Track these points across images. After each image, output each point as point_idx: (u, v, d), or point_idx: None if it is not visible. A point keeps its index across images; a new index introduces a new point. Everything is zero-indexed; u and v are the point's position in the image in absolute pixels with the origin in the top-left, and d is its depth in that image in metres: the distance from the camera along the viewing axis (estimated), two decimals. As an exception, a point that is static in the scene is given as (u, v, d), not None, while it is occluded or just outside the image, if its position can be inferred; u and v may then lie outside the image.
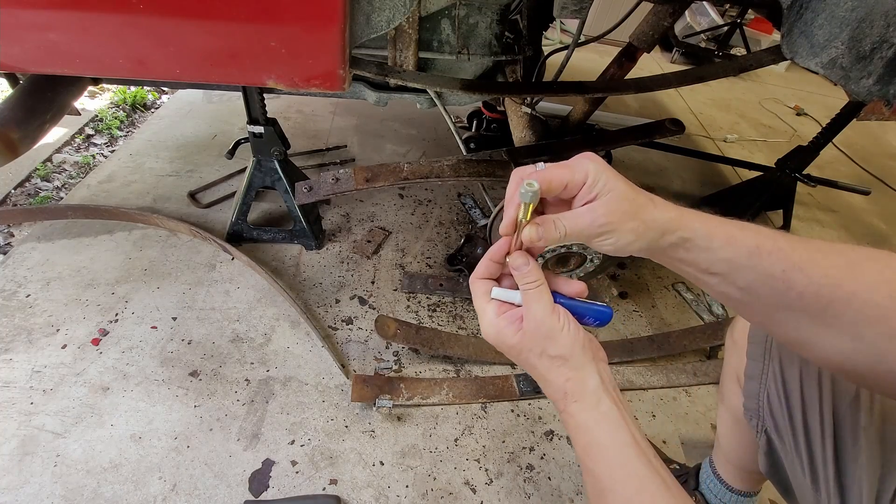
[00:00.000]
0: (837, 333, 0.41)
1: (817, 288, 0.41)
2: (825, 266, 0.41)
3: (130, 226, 1.54)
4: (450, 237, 1.69)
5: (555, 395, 0.49)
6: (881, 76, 0.83)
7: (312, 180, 1.25)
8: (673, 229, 0.45)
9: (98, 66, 0.82)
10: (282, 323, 1.32)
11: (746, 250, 0.43)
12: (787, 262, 0.42)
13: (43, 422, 1.05)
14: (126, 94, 2.17)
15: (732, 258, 0.44)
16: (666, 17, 1.34)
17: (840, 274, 0.41)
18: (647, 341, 1.39)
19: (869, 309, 0.39)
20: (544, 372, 0.49)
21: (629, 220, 0.44)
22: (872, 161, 2.72)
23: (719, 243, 0.44)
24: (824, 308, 0.41)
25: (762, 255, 0.43)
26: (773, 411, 0.68)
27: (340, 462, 1.06)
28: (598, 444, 0.46)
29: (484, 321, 0.51)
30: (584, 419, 0.47)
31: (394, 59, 1.28)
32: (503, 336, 0.50)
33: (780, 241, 0.43)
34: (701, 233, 0.44)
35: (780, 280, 0.42)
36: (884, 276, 0.40)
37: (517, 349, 0.49)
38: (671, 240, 0.45)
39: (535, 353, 0.48)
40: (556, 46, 1.66)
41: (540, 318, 0.47)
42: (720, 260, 0.44)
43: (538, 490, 1.07)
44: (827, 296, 0.41)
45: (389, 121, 2.29)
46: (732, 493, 0.93)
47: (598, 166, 0.45)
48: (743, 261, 0.43)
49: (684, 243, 0.45)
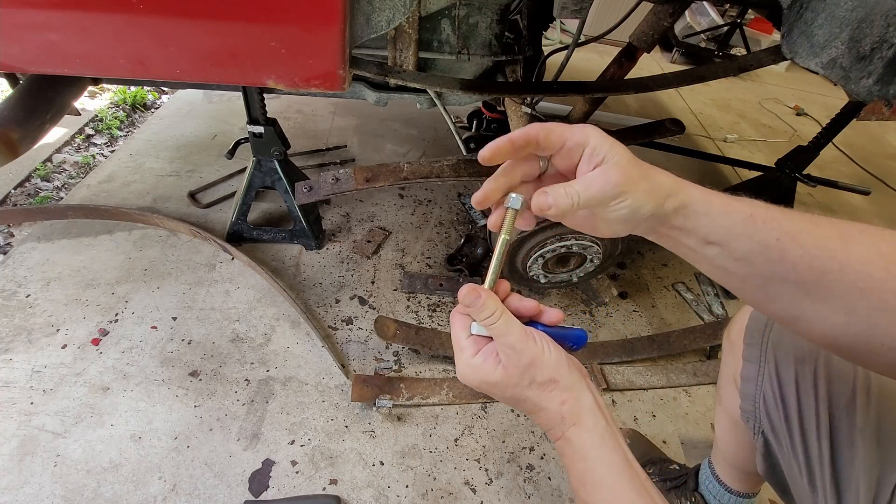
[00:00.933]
0: (831, 307, 0.41)
1: (810, 259, 0.41)
2: (818, 236, 0.41)
3: (130, 226, 1.54)
4: (450, 237, 1.69)
5: (550, 423, 0.46)
6: (881, 76, 0.83)
7: (312, 180, 1.25)
8: (673, 192, 0.44)
9: (98, 66, 0.82)
10: (282, 323, 1.32)
11: (742, 217, 0.43)
12: (781, 230, 0.42)
13: (43, 422, 1.05)
14: (126, 94, 2.17)
15: (729, 226, 0.43)
16: (666, 17, 1.34)
17: (833, 245, 0.41)
18: (647, 341, 1.39)
19: (862, 281, 0.39)
20: (537, 401, 0.46)
21: (642, 181, 0.43)
22: (872, 161, 2.72)
23: (716, 209, 0.44)
24: (818, 279, 0.41)
25: (757, 223, 0.42)
26: (769, 413, 0.68)
27: (340, 462, 1.06)
28: (593, 472, 0.44)
29: (460, 361, 0.47)
30: (581, 444, 0.45)
31: (394, 59, 1.28)
32: (483, 374, 0.46)
33: (774, 211, 0.43)
34: (698, 198, 0.44)
35: (774, 249, 0.42)
36: (878, 248, 0.39)
37: (502, 386, 0.46)
38: (673, 204, 0.44)
39: (524, 384, 0.45)
40: (556, 46, 1.66)
41: (517, 347, 0.45)
42: (718, 227, 0.44)
43: (538, 490, 1.07)
44: (820, 267, 0.40)
45: (389, 121, 2.29)
46: (731, 494, 0.93)
47: (598, 132, 0.44)
48: (739, 229, 0.43)
49: (684, 209, 0.44)
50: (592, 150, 0.44)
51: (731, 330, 0.79)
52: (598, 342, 1.38)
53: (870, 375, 0.60)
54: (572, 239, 1.25)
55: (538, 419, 0.47)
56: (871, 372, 0.60)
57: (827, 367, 0.62)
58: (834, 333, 0.42)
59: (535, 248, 1.27)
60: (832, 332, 0.42)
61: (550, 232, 1.24)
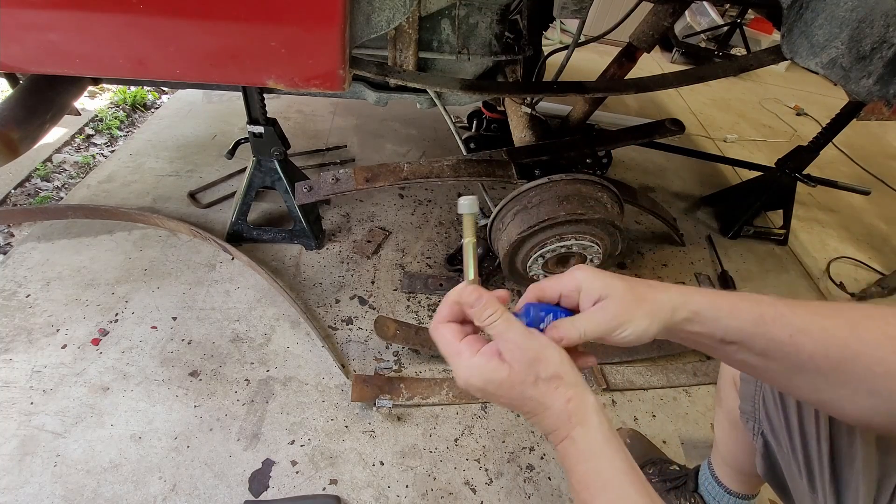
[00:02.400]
0: (854, 391, 0.43)
1: (825, 349, 0.43)
2: (826, 327, 0.43)
3: (130, 226, 1.54)
4: (450, 237, 1.69)
5: (556, 423, 0.45)
6: (881, 76, 0.83)
7: (312, 180, 1.25)
8: (680, 305, 0.47)
9: (98, 66, 0.82)
10: (282, 323, 1.32)
11: (752, 319, 0.45)
12: (792, 327, 0.44)
13: (43, 422, 1.05)
14: (126, 94, 2.17)
15: (741, 327, 0.46)
16: (666, 17, 1.34)
17: (843, 334, 0.43)
18: (647, 341, 1.39)
19: (877, 366, 0.41)
20: (542, 398, 0.45)
21: (639, 307, 0.46)
22: (872, 161, 2.72)
23: (725, 313, 0.46)
24: (835, 368, 0.43)
25: (767, 323, 0.45)
26: (768, 414, 0.68)
27: (340, 462, 1.06)
28: (599, 472, 0.44)
29: (460, 366, 0.46)
30: (587, 444, 0.45)
31: (394, 59, 1.28)
32: (487, 373, 0.45)
33: (781, 307, 0.45)
34: (705, 305, 0.46)
35: (789, 345, 0.44)
36: (886, 333, 0.42)
37: (508, 384, 0.45)
38: (682, 315, 0.47)
39: (529, 381, 0.45)
40: (556, 46, 1.66)
41: (521, 342, 0.45)
42: (731, 329, 0.46)
43: (538, 490, 1.07)
44: (835, 356, 0.43)
45: (389, 121, 2.29)
46: (731, 495, 0.93)
47: (589, 273, 0.48)
48: (751, 329, 0.45)
49: (695, 317, 0.47)
50: (587, 294, 0.48)
51: None
52: (598, 342, 1.38)
53: None
54: (572, 239, 1.25)
55: (543, 419, 0.46)
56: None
57: None
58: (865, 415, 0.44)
59: (535, 248, 1.27)
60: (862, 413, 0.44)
61: (550, 232, 1.24)
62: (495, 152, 1.35)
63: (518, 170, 1.31)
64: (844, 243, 2.04)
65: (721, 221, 1.95)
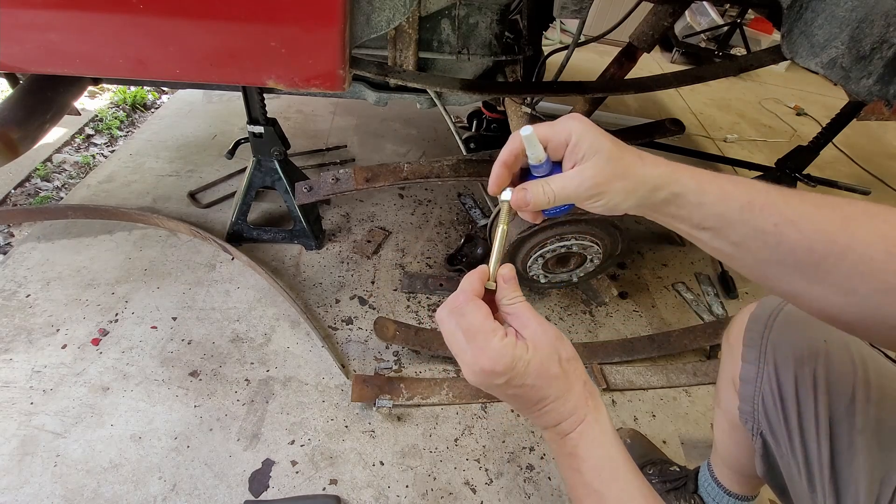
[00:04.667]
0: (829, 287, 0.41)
1: (810, 243, 0.41)
2: (819, 220, 0.41)
3: (130, 226, 1.54)
4: (450, 237, 1.69)
5: (575, 405, 0.45)
6: (881, 76, 0.83)
7: (312, 180, 1.25)
8: (663, 185, 0.44)
9: (98, 66, 0.82)
10: (282, 323, 1.32)
11: (738, 205, 0.43)
12: (780, 216, 0.42)
13: (43, 422, 1.05)
14: (126, 94, 2.17)
15: (724, 213, 0.43)
16: (666, 17, 1.34)
17: (834, 229, 0.40)
18: (647, 340, 1.39)
19: (863, 264, 0.39)
20: (566, 378, 0.44)
21: (618, 180, 0.44)
22: (872, 161, 2.72)
23: (711, 198, 0.44)
24: (816, 263, 0.41)
25: (754, 210, 0.42)
26: (768, 414, 0.68)
27: (340, 462, 1.06)
28: (612, 459, 0.44)
29: (491, 345, 0.42)
30: (601, 430, 0.44)
31: (394, 59, 1.28)
32: (520, 352, 0.43)
33: (773, 195, 0.43)
34: (692, 188, 0.44)
35: (771, 234, 0.42)
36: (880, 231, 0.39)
37: (538, 362, 0.43)
38: (662, 196, 0.44)
39: (555, 360, 0.44)
40: (556, 46, 1.66)
41: (542, 323, 0.46)
42: (712, 215, 0.44)
43: (538, 490, 1.07)
44: (820, 251, 0.40)
45: (389, 121, 2.29)
46: (730, 496, 0.93)
47: (582, 125, 0.45)
48: (735, 216, 0.43)
49: (676, 199, 0.44)
50: (574, 147, 0.45)
51: (730, 332, 0.79)
52: (598, 342, 1.38)
53: (869, 378, 0.60)
54: (572, 239, 1.25)
55: (564, 402, 0.45)
56: (871, 374, 0.60)
57: (826, 370, 0.62)
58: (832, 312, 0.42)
59: (535, 248, 1.27)
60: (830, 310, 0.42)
61: (550, 232, 1.24)
62: (495, 152, 1.35)
63: (518, 170, 1.30)
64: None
65: (721, 221, 1.95)
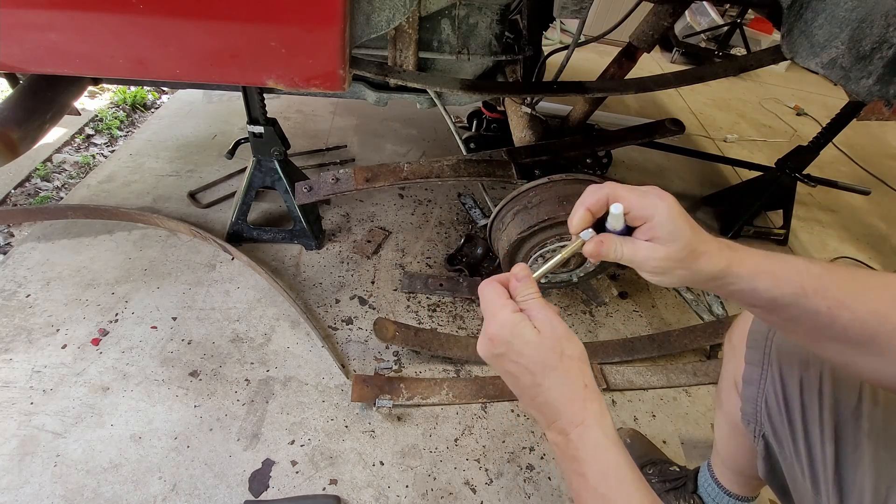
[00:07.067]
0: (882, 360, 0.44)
1: (862, 323, 0.43)
2: (871, 301, 0.43)
3: (130, 226, 1.54)
4: (450, 237, 1.69)
5: (571, 406, 0.46)
6: (881, 76, 0.83)
7: (312, 180, 1.25)
8: (718, 277, 0.47)
9: (98, 66, 0.82)
10: (282, 323, 1.32)
11: (791, 291, 0.45)
12: (833, 299, 0.44)
13: (43, 422, 1.05)
14: (126, 94, 2.17)
15: (777, 297, 0.46)
16: (666, 17, 1.34)
17: (886, 308, 0.43)
18: (648, 340, 1.39)
19: None
20: (564, 373, 0.46)
21: (681, 269, 0.47)
22: (872, 161, 2.72)
23: (764, 285, 0.46)
24: (869, 340, 0.43)
25: (807, 295, 0.45)
26: (771, 416, 0.68)
27: (340, 462, 1.06)
28: (618, 464, 0.44)
29: (498, 316, 0.47)
30: (604, 436, 0.45)
31: (394, 59, 1.28)
32: (522, 329, 0.46)
33: (826, 280, 0.45)
34: (745, 279, 0.47)
35: (825, 316, 0.44)
36: None
37: (536, 344, 0.46)
38: (715, 284, 0.48)
39: (556, 352, 0.46)
40: (556, 46, 1.66)
41: (552, 319, 0.48)
42: (765, 298, 0.47)
43: (538, 490, 1.07)
44: (872, 329, 0.43)
45: (389, 121, 2.29)
46: (731, 497, 0.92)
47: (668, 210, 0.47)
48: (788, 300, 0.46)
49: (727, 286, 0.48)
50: (653, 226, 0.47)
51: (733, 333, 0.79)
52: (598, 342, 1.38)
53: None
54: (572, 239, 1.25)
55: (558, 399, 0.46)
56: None
57: (833, 372, 0.63)
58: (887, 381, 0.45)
59: (536, 248, 1.27)
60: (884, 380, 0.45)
61: (550, 232, 1.24)
62: (495, 152, 1.35)
63: (518, 170, 1.31)
64: (844, 243, 2.04)
65: (721, 221, 1.95)
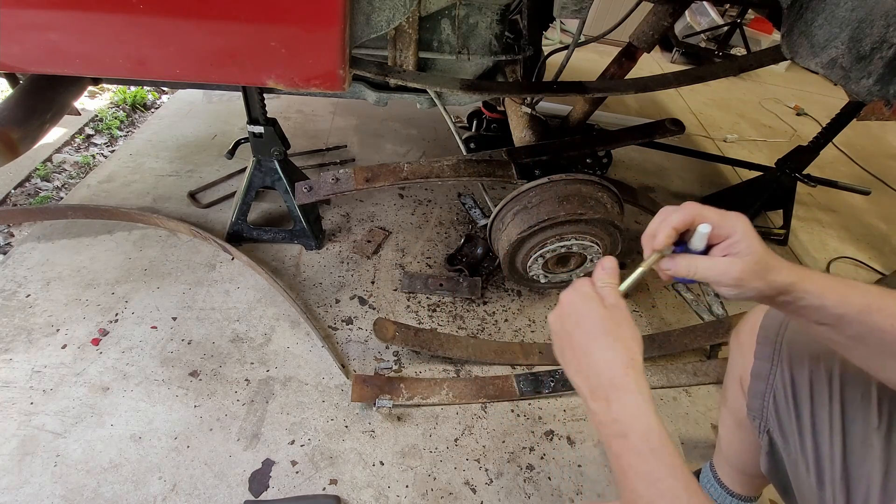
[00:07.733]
0: None
1: None
2: None
3: (130, 226, 1.54)
4: (450, 237, 1.69)
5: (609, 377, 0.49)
6: (881, 76, 0.83)
7: (312, 180, 1.25)
8: (789, 291, 0.50)
9: (98, 66, 0.82)
10: (282, 323, 1.32)
11: (856, 308, 0.48)
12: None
13: (43, 422, 1.05)
14: (126, 94, 2.17)
15: (843, 314, 0.48)
16: (666, 17, 1.34)
17: None
18: (648, 340, 1.39)
19: None
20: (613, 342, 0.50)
21: (755, 282, 0.50)
22: (872, 161, 2.72)
23: (831, 302, 0.49)
24: None
25: (872, 313, 0.47)
26: (778, 410, 0.68)
27: (340, 462, 1.06)
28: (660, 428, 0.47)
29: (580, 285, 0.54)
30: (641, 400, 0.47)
31: (394, 59, 1.28)
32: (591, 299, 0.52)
33: (889, 300, 0.48)
34: (814, 293, 0.49)
35: (888, 333, 0.46)
36: None
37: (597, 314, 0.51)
38: (786, 298, 0.51)
39: (612, 327, 0.51)
40: (556, 46, 1.66)
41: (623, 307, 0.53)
42: (831, 315, 0.49)
43: (538, 490, 1.07)
44: None
45: (389, 121, 2.29)
46: (733, 497, 0.92)
47: (747, 228, 0.51)
48: (853, 317, 0.48)
49: (797, 301, 0.50)
50: (733, 243, 0.51)
51: (741, 331, 0.79)
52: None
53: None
54: (572, 239, 1.25)
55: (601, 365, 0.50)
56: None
57: (843, 367, 0.63)
58: None
59: (535, 248, 1.27)
60: None
61: (551, 232, 1.24)
62: (495, 152, 1.35)
63: (518, 170, 1.31)
64: (844, 243, 2.04)
65: (721, 221, 1.95)
